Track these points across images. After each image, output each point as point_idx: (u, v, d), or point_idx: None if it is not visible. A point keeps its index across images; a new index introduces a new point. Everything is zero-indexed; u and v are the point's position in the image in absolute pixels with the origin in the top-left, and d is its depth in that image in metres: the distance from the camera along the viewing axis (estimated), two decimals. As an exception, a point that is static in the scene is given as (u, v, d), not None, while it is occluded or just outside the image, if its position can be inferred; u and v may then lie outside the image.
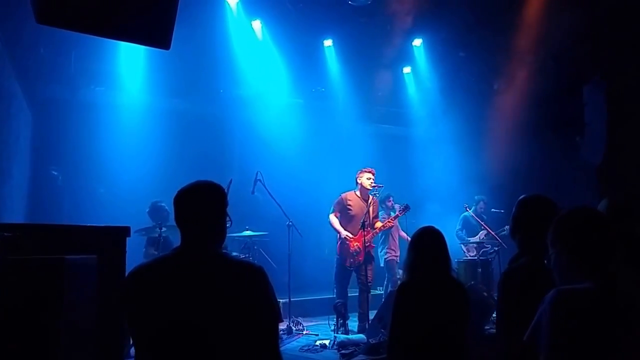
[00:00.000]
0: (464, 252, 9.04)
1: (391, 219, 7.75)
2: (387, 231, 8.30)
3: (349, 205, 7.27)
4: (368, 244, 7.15)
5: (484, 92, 10.43)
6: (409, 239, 3.91)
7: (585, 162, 9.31)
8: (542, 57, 9.52)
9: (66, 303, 2.54)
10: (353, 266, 7.17)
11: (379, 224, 7.42)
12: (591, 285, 2.03)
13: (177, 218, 2.30)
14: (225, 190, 2.39)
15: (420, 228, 3.69)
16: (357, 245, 7.13)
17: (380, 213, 8.05)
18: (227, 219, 2.39)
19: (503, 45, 9.44)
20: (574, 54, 9.09)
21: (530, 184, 8.23)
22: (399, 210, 7.75)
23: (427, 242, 3.56)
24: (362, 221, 6.99)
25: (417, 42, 10.28)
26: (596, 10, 8.28)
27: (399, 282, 7.05)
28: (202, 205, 2.30)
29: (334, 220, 7.33)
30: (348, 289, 7.33)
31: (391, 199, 8.62)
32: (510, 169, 9.29)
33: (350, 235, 7.18)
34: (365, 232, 7.03)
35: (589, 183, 8.72)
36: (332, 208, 7.41)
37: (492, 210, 9.19)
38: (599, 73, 9.26)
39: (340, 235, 7.22)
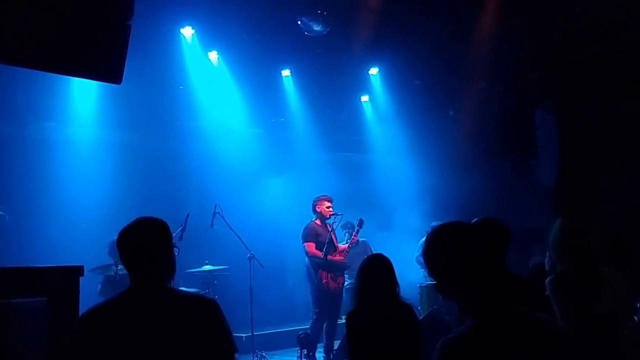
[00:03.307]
0: (425, 277, 8.90)
1: (355, 235, 7.50)
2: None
3: (319, 233, 7.18)
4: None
5: (440, 118, 10.60)
6: None
7: (539, 184, 9.52)
8: (494, 83, 9.78)
9: (11, 349, 2.40)
10: (337, 291, 7.11)
11: (344, 246, 7.39)
12: (472, 326, 1.67)
13: (123, 258, 2.27)
14: (182, 225, 2.37)
15: (369, 256, 3.86)
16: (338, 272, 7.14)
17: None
18: (175, 249, 2.36)
19: (456, 73, 9.65)
20: (525, 79, 9.37)
21: (486, 207, 8.32)
22: (358, 226, 7.51)
23: (374, 270, 3.59)
24: (325, 248, 6.94)
25: (374, 71, 10.42)
26: (545, 37, 8.57)
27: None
28: (145, 243, 2.27)
29: (312, 248, 7.08)
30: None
31: None
32: (468, 192, 9.39)
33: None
34: (332, 256, 7.06)
35: (543, 205, 8.90)
36: (305, 238, 7.16)
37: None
38: (550, 98, 9.55)
39: (320, 262, 6.99)
